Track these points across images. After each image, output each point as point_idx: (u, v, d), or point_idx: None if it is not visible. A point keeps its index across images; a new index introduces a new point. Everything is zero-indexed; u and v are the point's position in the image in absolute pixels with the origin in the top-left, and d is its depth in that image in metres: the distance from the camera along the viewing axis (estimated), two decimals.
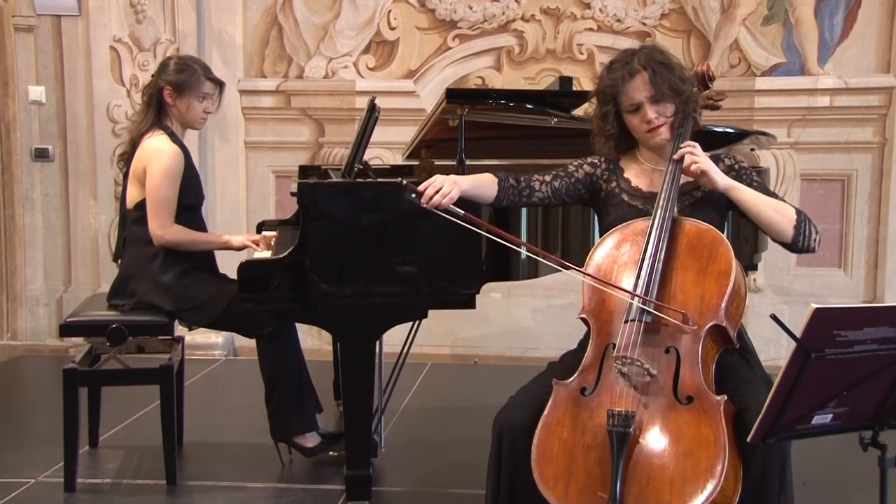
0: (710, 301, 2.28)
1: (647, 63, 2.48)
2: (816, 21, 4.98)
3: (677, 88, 2.49)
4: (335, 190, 3.13)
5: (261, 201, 5.38)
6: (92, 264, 5.41)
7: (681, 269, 2.34)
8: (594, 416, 2.23)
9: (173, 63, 3.53)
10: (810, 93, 5.01)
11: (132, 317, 3.39)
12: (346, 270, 2.97)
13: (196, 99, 3.50)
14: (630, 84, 2.48)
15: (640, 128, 2.52)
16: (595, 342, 2.35)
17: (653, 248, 2.34)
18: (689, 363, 2.23)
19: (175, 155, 3.42)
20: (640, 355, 2.24)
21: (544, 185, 2.63)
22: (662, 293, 2.31)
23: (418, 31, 5.25)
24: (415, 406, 4.42)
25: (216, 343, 5.29)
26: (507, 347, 5.31)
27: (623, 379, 2.24)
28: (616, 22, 5.11)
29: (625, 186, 2.58)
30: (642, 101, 2.48)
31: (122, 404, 4.05)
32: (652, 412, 2.19)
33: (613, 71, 2.53)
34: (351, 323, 3.02)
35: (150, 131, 3.48)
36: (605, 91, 2.55)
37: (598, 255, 2.45)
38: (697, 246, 2.36)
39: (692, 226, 2.41)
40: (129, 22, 5.26)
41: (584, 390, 2.29)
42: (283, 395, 3.41)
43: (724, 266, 2.31)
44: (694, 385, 2.20)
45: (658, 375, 2.23)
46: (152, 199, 3.39)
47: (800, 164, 5.06)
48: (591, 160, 2.66)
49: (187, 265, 3.45)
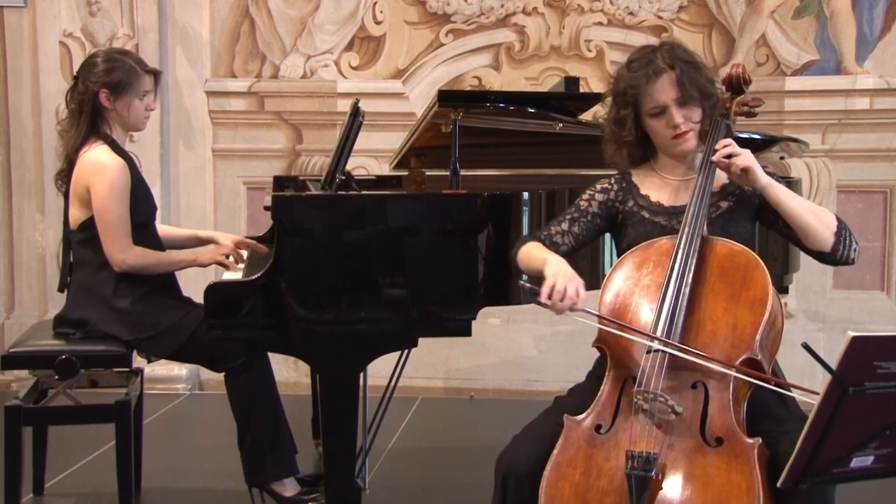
0: (743, 331, 2.28)
1: (673, 61, 2.49)
2: (854, 13, 5.02)
3: (706, 91, 2.50)
4: (314, 203, 3.14)
5: (230, 216, 5.39)
6: (38, 287, 5.40)
7: (711, 294, 2.34)
8: (611, 457, 2.22)
9: (101, 61, 3.48)
10: (847, 94, 5.04)
11: (84, 346, 3.38)
12: (326, 293, 2.97)
13: (136, 97, 3.48)
14: (655, 84, 2.48)
15: (665, 133, 2.52)
16: (613, 374, 2.35)
17: (679, 271, 2.34)
18: (719, 400, 2.23)
19: (119, 168, 3.39)
20: (663, 390, 2.23)
21: (566, 237, 2.61)
22: (689, 321, 2.31)
23: (407, 26, 5.28)
24: (403, 446, 4.42)
25: (179, 376, 5.28)
26: (506, 380, 5.31)
27: (644, 416, 2.24)
28: (629, 15, 5.15)
29: (643, 203, 2.59)
30: (668, 103, 2.49)
31: (71, 446, 4.03)
32: (676, 455, 2.18)
33: (634, 69, 2.52)
34: (332, 353, 3.02)
35: (86, 143, 3.44)
36: (624, 92, 2.55)
37: (616, 278, 2.44)
38: (730, 269, 2.36)
39: (724, 246, 2.41)
40: (82, 14, 5.28)
41: (599, 428, 2.28)
42: (256, 435, 3.40)
43: (760, 293, 2.31)
44: (724, 425, 2.20)
45: (684, 413, 2.22)
46: (104, 222, 3.37)
47: (836, 174, 5.08)
48: (602, 185, 2.66)
49: (146, 288, 3.44)
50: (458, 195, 3.14)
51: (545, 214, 3.19)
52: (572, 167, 4.14)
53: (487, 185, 3.68)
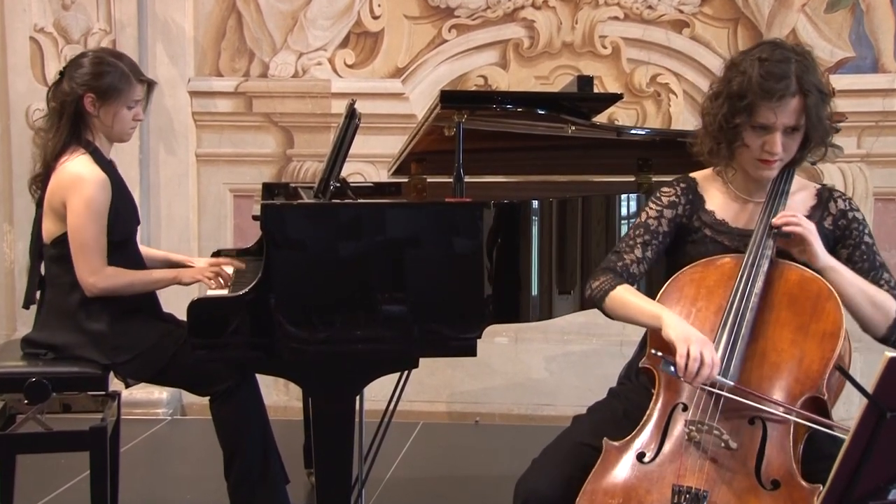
0: (809, 367, 2.26)
1: (809, 87, 2.40)
2: (893, 7, 5.02)
3: (826, 127, 2.46)
4: (307, 213, 3.14)
5: (215, 226, 5.40)
6: (6, 303, 5.41)
7: (776, 323, 2.33)
8: (654, 489, 2.21)
9: (91, 62, 3.45)
10: (885, 94, 5.05)
11: (56, 368, 3.37)
12: (319, 310, 2.98)
13: (125, 106, 3.46)
14: (780, 105, 2.40)
15: (755, 153, 2.47)
16: (663, 399, 2.34)
17: (743, 294, 2.33)
18: (778, 440, 2.21)
19: (100, 183, 3.37)
20: (719, 422, 2.22)
21: (641, 265, 2.58)
22: (752, 349, 2.30)
23: (407, 21, 5.29)
24: (403, 475, 4.41)
25: (160, 399, 5.28)
26: (514, 404, 5.31)
27: (695, 449, 2.23)
28: (647, 9, 5.16)
29: (707, 220, 2.58)
30: (778, 127, 2.42)
31: (43, 475, 4.03)
32: (728, 495, 2.17)
33: (765, 77, 2.40)
34: (325, 374, 3.02)
35: (66, 151, 3.42)
36: (744, 95, 2.43)
37: (670, 299, 2.41)
38: (799, 297, 2.35)
39: (795, 272, 2.39)
40: (54, 8, 5.29)
41: (642, 456, 2.27)
42: (244, 464, 3.40)
43: (832, 326, 2.29)
44: (783, 468, 2.18)
45: (738, 450, 2.21)
46: (77, 242, 3.35)
47: (873, 180, 5.09)
48: (668, 198, 2.62)
49: (122, 307, 3.42)
50: (462, 204, 3.14)
51: (556, 224, 3.19)
52: (585, 173, 4.15)
53: (494, 193, 3.69)
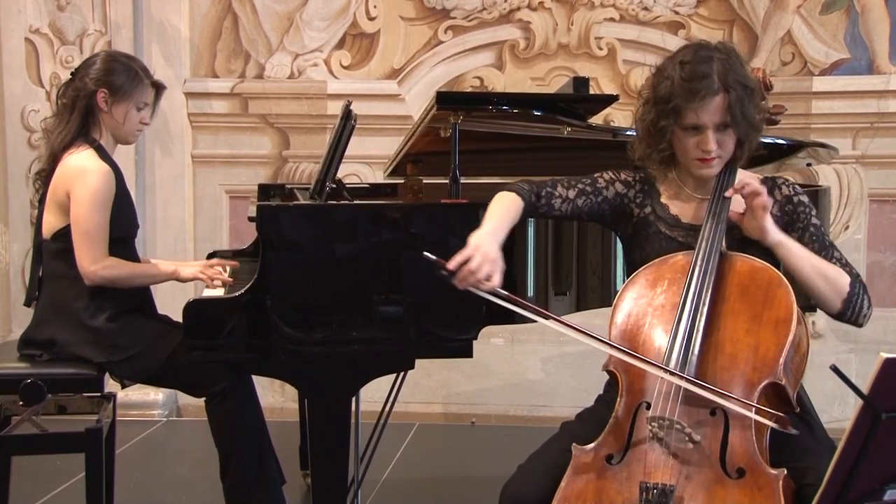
0: (765, 354, 2.28)
1: (730, 83, 2.43)
2: (888, 8, 5.03)
3: (752, 122, 2.47)
4: (302, 214, 3.15)
5: (211, 227, 5.40)
6: (1, 305, 5.41)
7: (730, 314, 2.35)
8: (623, 489, 2.23)
9: (104, 61, 3.51)
10: (881, 95, 5.06)
11: (51, 369, 3.37)
12: (315, 312, 2.98)
13: (134, 107, 3.50)
14: (703, 104, 2.43)
15: (692, 153, 2.50)
16: (625, 399, 2.36)
17: (696, 289, 2.36)
18: (741, 428, 2.23)
19: (104, 174, 3.40)
20: (680, 416, 2.24)
21: (566, 204, 2.64)
22: (708, 343, 2.31)
23: (403, 22, 5.30)
24: (399, 477, 4.42)
25: (156, 401, 5.28)
26: (510, 405, 5.31)
27: (659, 445, 2.24)
28: (643, 11, 5.16)
29: (662, 214, 2.60)
30: (708, 125, 2.45)
31: (38, 478, 4.03)
32: (695, 487, 2.19)
33: (686, 79, 2.44)
34: (321, 376, 3.02)
35: (73, 145, 3.46)
36: (668, 99, 2.46)
37: (628, 297, 2.45)
38: (751, 287, 2.38)
39: (745, 263, 2.42)
40: (50, 9, 5.29)
41: (610, 458, 2.29)
42: (240, 465, 3.40)
43: (784, 312, 2.32)
44: (746, 455, 2.20)
45: (702, 442, 2.23)
46: (80, 231, 3.37)
47: (868, 181, 5.10)
48: (625, 177, 2.67)
49: (120, 306, 3.44)
50: (458, 205, 3.14)
51: (552, 225, 3.20)
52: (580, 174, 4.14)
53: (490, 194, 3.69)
